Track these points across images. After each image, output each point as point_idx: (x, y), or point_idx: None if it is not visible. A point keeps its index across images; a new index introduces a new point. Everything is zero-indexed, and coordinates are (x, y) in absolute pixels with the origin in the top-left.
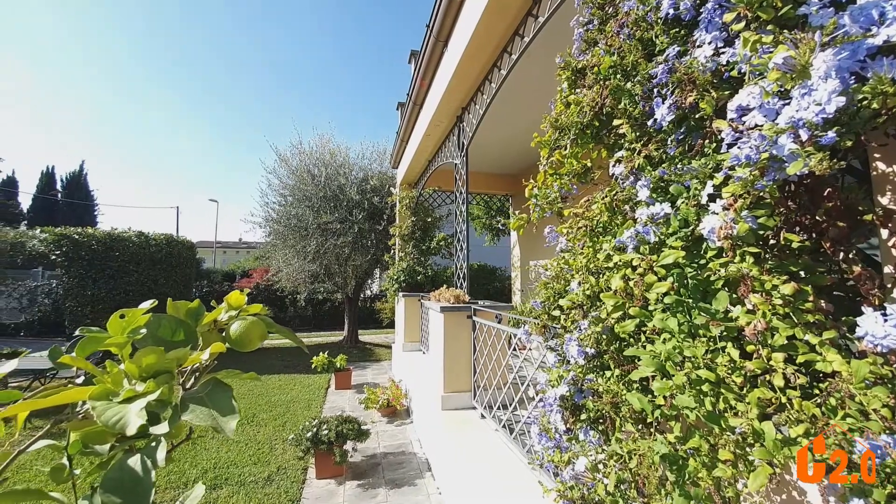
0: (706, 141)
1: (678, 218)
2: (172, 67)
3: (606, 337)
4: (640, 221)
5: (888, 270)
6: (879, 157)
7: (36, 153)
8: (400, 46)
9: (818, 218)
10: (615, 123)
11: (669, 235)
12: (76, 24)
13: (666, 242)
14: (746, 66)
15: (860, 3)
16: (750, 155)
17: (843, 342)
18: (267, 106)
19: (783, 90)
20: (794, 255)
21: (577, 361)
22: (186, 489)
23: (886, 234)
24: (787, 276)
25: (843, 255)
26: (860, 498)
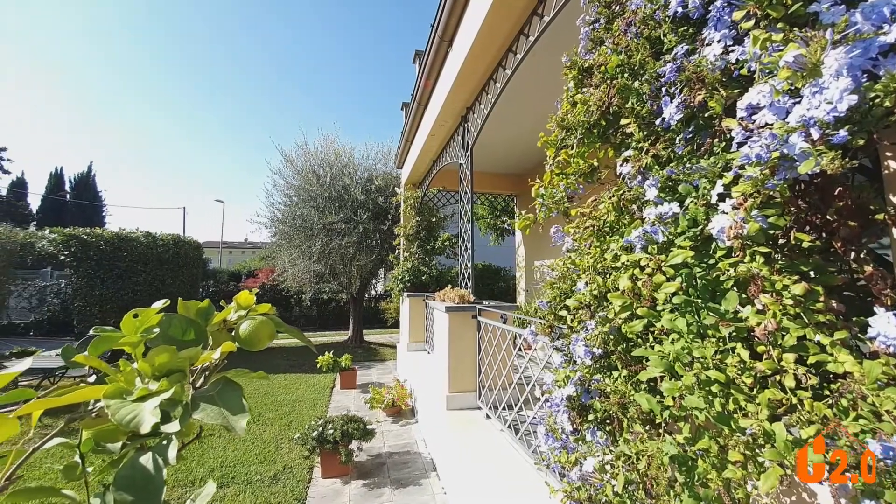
0: (715, 140)
1: (687, 217)
2: (179, 67)
3: (614, 337)
4: (648, 221)
5: None
6: (891, 155)
7: (44, 154)
8: (404, 46)
9: (829, 217)
10: (623, 122)
11: (678, 235)
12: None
13: (674, 242)
14: (756, 64)
15: (871, 0)
16: (760, 154)
17: (854, 343)
18: (272, 105)
19: (794, 88)
20: (804, 254)
21: (583, 362)
22: (194, 487)
23: None
24: (797, 275)
25: (854, 254)
26: (872, 500)
